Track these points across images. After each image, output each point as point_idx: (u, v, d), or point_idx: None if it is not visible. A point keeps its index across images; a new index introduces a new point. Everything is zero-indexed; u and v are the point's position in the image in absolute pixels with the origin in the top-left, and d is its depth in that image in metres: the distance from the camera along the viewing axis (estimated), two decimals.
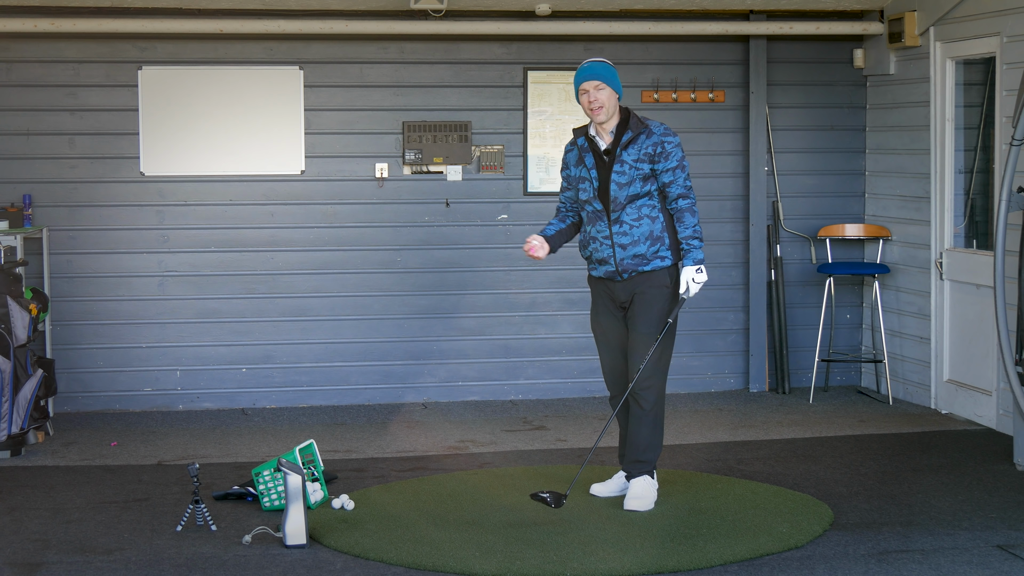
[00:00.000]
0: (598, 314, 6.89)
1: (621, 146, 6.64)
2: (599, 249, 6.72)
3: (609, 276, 6.73)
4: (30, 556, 6.07)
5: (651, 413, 6.71)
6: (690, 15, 9.47)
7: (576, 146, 6.80)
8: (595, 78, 6.62)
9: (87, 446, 8.28)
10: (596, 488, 6.94)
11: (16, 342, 8.02)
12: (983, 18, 8.44)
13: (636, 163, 6.62)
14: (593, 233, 6.74)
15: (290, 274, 9.37)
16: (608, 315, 6.83)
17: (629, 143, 6.64)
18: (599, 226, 6.70)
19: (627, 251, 6.64)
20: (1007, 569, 5.81)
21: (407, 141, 9.38)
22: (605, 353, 6.90)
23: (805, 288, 9.90)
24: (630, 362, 6.74)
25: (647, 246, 6.65)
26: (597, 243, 6.72)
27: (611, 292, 6.78)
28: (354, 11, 9.16)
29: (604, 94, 6.61)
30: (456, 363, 9.54)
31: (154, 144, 9.19)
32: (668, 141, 6.63)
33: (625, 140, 6.64)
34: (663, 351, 6.71)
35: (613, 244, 6.66)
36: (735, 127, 9.74)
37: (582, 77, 6.65)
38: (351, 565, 5.92)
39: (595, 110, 6.62)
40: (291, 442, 8.22)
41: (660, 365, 6.72)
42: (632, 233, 6.64)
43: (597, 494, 6.90)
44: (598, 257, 6.74)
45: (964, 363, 8.84)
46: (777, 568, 5.84)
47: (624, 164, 6.62)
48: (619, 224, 6.65)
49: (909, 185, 9.36)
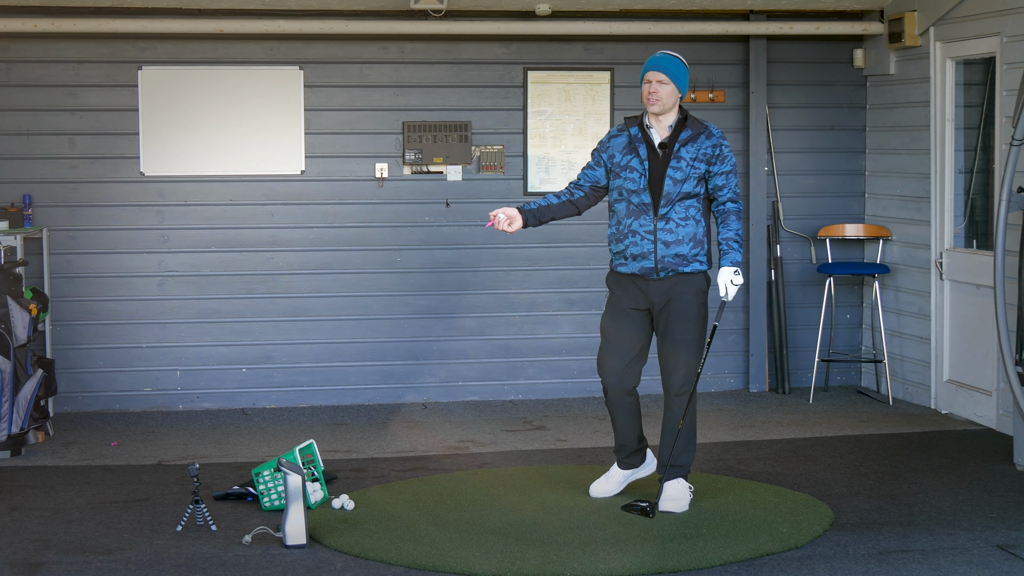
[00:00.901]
0: (616, 314, 6.73)
1: (680, 142, 6.56)
2: (638, 243, 6.59)
3: (644, 273, 6.61)
4: (30, 556, 6.07)
5: (687, 420, 6.68)
6: (690, 15, 9.47)
7: (628, 133, 6.66)
8: (661, 71, 6.55)
9: (87, 446, 8.28)
10: (595, 488, 6.92)
11: (16, 342, 8.02)
12: (983, 18, 8.44)
13: (694, 162, 6.55)
14: (634, 227, 6.59)
15: (290, 274, 9.37)
16: (627, 317, 6.70)
17: (688, 140, 6.57)
18: (642, 220, 6.57)
19: (670, 249, 6.55)
20: (1007, 569, 5.81)
21: (407, 141, 9.38)
22: (613, 353, 6.76)
23: (805, 288, 9.91)
24: (667, 369, 6.67)
25: (689, 247, 6.57)
26: (637, 237, 6.59)
27: (643, 291, 6.65)
28: (354, 11, 9.16)
29: (666, 89, 6.54)
30: (456, 363, 9.54)
31: (154, 144, 9.19)
32: (726, 145, 6.62)
33: (684, 137, 6.57)
34: (699, 356, 6.67)
35: (656, 240, 6.56)
36: (735, 127, 9.74)
37: (649, 67, 6.58)
38: (351, 565, 5.92)
39: (651, 100, 6.54)
40: (291, 442, 8.22)
41: (696, 371, 6.67)
42: (677, 232, 6.56)
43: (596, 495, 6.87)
44: (635, 252, 6.60)
45: (964, 363, 8.84)
46: (777, 568, 5.84)
47: (681, 161, 6.54)
48: (665, 221, 6.55)
49: (909, 185, 9.36)
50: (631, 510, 6.56)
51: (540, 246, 9.46)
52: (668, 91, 6.54)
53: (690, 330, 6.63)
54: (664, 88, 6.54)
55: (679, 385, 6.63)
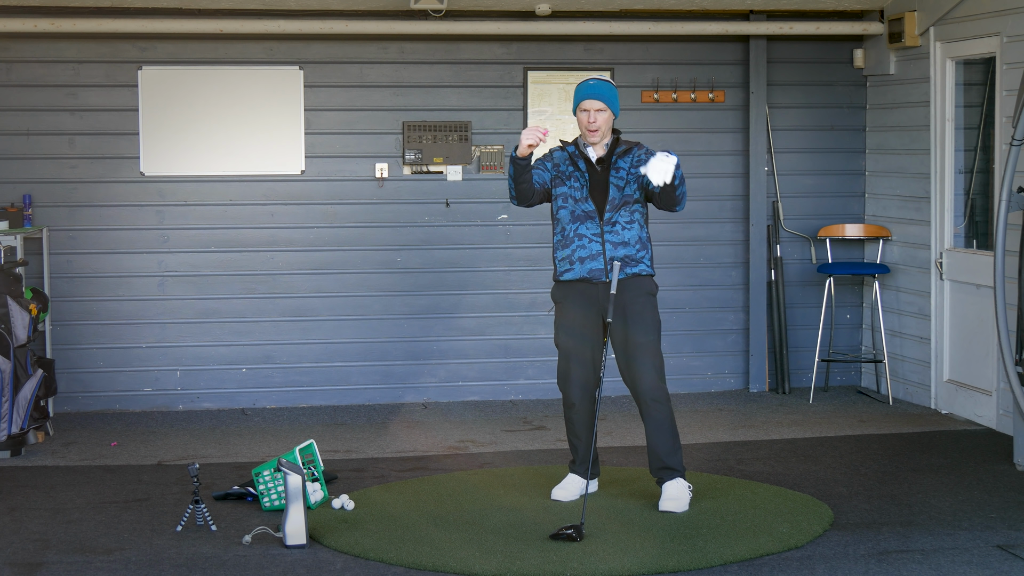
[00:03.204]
0: (570, 327, 6.73)
1: (617, 155, 6.71)
2: (586, 246, 6.66)
3: (593, 276, 6.66)
4: (30, 556, 6.07)
5: (668, 419, 6.69)
6: (690, 15, 9.47)
7: (566, 151, 6.78)
8: (599, 99, 6.64)
9: (87, 446, 8.28)
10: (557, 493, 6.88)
11: (16, 342, 8.02)
12: (983, 18, 8.44)
13: (631, 168, 6.68)
14: (580, 231, 6.67)
15: (290, 274, 9.37)
16: (580, 328, 6.70)
17: (624, 153, 6.72)
18: (588, 224, 6.66)
19: (617, 250, 6.65)
20: (1007, 569, 5.81)
21: (407, 141, 9.38)
22: (576, 366, 6.74)
23: (805, 288, 9.90)
24: (637, 373, 6.66)
25: (636, 248, 6.68)
26: (584, 240, 6.66)
27: (591, 297, 6.69)
28: (354, 11, 9.16)
29: (603, 116, 6.66)
30: (456, 363, 9.54)
31: (154, 144, 9.19)
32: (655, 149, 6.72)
33: (620, 151, 6.72)
34: (661, 359, 6.71)
35: (604, 241, 6.65)
36: (735, 127, 9.74)
37: (586, 94, 6.65)
38: (351, 565, 5.92)
39: (591, 132, 6.66)
40: (291, 442, 8.22)
41: (662, 370, 6.71)
42: (623, 234, 6.67)
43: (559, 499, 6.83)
44: (582, 255, 6.66)
45: (964, 363, 8.84)
46: (777, 568, 5.84)
47: (620, 170, 6.69)
48: (611, 225, 6.66)
49: (909, 185, 9.36)
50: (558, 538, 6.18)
51: (540, 246, 9.45)
52: (605, 117, 6.67)
53: (649, 331, 6.67)
54: (602, 115, 6.65)
55: (651, 389, 6.64)
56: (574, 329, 6.74)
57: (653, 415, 6.68)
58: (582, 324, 6.73)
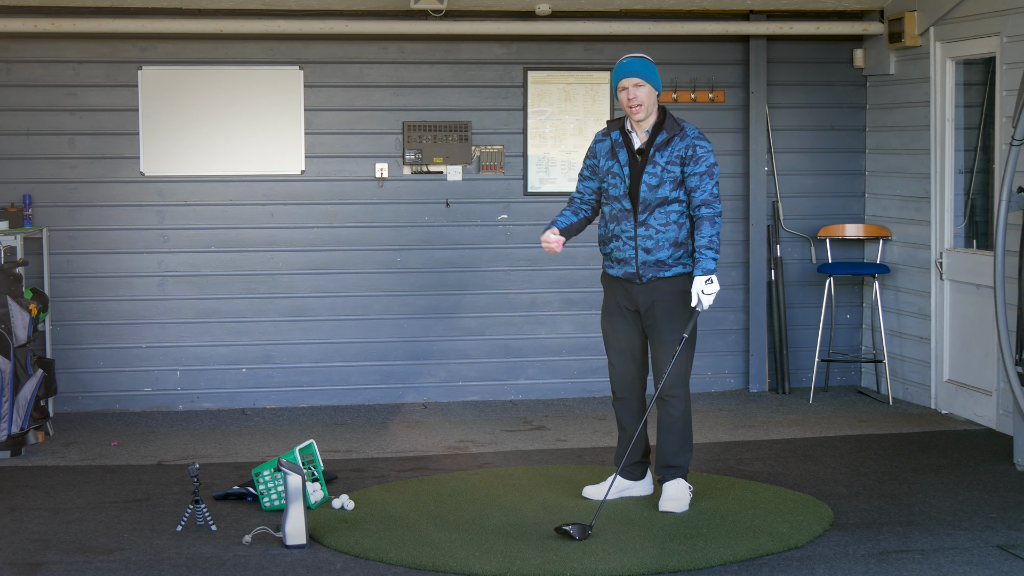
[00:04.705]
0: (611, 314, 6.78)
1: (655, 147, 6.54)
2: (621, 248, 6.62)
3: (628, 277, 6.65)
4: (30, 556, 6.08)
5: (680, 420, 6.68)
6: (690, 15, 9.47)
7: (609, 138, 6.66)
8: (635, 75, 6.52)
9: (87, 446, 8.28)
10: (588, 491, 6.90)
11: (16, 342, 8.02)
12: (983, 18, 8.44)
13: (668, 165, 6.53)
14: (616, 231, 6.62)
15: (290, 274, 9.37)
16: (620, 316, 6.73)
17: (663, 144, 6.54)
18: (624, 225, 6.59)
19: (650, 255, 6.55)
20: (1007, 569, 5.81)
21: (407, 141, 9.38)
22: (615, 355, 6.80)
23: (805, 288, 9.91)
24: (655, 370, 6.69)
25: (669, 252, 6.56)
26: (620, 242, 6.62)
27: (628, 293, 6.68)
28: (354, 11, 9.16)
29: (643, 91, 6.52)
30: (456, 363, 9.54)
31: (154, 144, 9.19)
32: (700, 145, 6.54)
33: (659, 141, 6.55)
34: (687, 358, 6.66)
35: (637, 246, 6.57)
36: (735, 127, 9.74)
37: (621, 74, 6.55)
38: (351, 565, 5.92)
39: (634, 108, 6.52)
40: (291, 442, 8.22)
41: (685, 372, 6.67)
42: (657, 238, 6.55)
43: (589, 497, 6.86)
44: (618, 256, 6.64)
45: (964, 363, 8.84)
46: (777, 568, 5.84)
47: (656, 166, 6.53)
48: (645, 227, 6.55)
49: (909, 185, 9.36)
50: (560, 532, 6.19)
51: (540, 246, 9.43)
52: (646, 92, 6.54)
53: (675, 331, 6.62)
54: (642, 91, 6.53)
55: (669, 386, 6.63)
56: (613, 316, 6.77)
57: (664, 412, 6.68)
58: (620, 313, 6.73)
